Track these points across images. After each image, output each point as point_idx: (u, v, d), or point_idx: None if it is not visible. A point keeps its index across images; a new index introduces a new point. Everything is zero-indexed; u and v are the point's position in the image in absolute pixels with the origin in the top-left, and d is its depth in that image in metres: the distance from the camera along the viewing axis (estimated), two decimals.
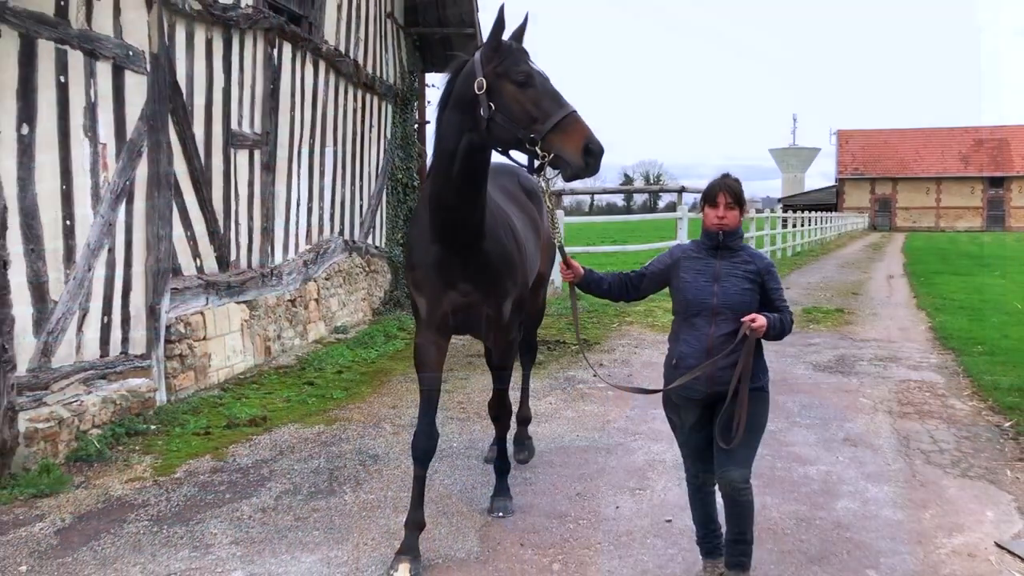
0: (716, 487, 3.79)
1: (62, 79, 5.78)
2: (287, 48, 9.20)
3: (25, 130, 5.44)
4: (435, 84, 14.55)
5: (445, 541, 4.51)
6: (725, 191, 3.70)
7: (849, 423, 6.88)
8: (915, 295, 16.74)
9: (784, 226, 29.41)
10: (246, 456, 5.92)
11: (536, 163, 3.77)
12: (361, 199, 11.75)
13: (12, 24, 5.28)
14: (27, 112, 5.46)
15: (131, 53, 6.48)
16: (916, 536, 4.62)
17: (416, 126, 13.59)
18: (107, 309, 6.29)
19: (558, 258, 4.14)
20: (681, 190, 16.75)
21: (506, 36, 3.96)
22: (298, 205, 9.70)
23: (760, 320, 3.59)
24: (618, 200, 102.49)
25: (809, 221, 35.63)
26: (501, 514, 4.80)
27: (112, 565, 4.23)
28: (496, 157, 4.14)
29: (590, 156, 3.65)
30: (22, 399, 5.36)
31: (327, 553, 4.36)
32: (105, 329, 6.28)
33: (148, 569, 4.18)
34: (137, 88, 6.59)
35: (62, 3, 5.75)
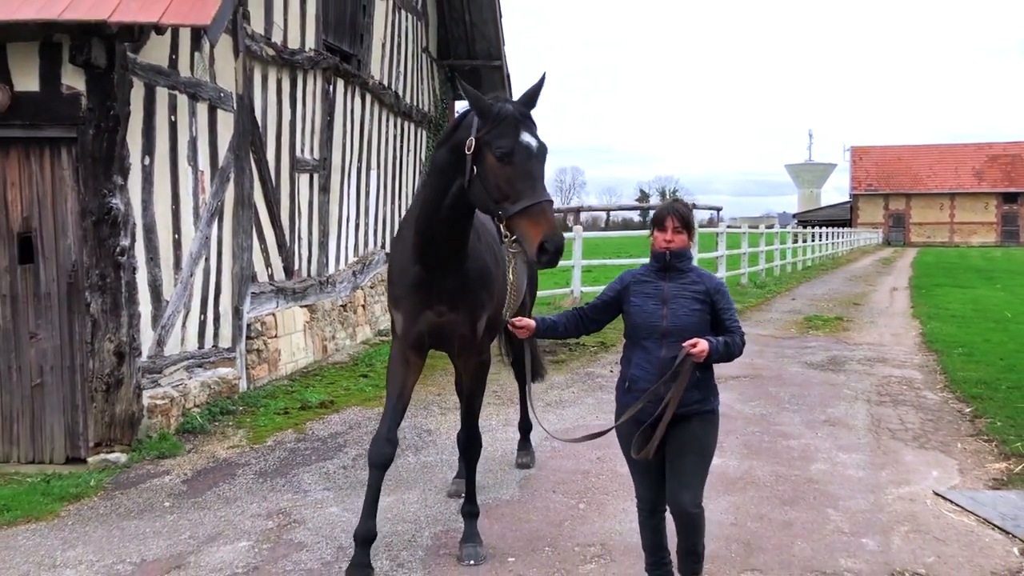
0: (667, 511, 3.78)
1: (172, 118, 7.02)
2: (340, 84, 10.46)
3: (147, 161, 6.69)
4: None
5: (493, 490, 5.67)
6: (673, 215, 3.71)
7: (831, 409, 7.99)
8: (913, 305, 17.76)
9: (795, 241, 30.42)
10: (322, 430, 7.12)
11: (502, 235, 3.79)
12: (399, 216, 12.99)
13: (139, 76, 6.53)
14: (148, 146, 6.70)
15: (222, 94, 7.73)
16: (871, 487, 5.75)
17: None
18: (203, 309, 7.52)
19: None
20: (692, 207, 17.89)
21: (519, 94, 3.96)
22: (348, 222, 10.95)
23: (702, 345, 3.54)
24: (635, 216, 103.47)
25: (820, 236, 36.63)
26: (472, 562, 4.43)
27: (235, 503, 5.42)
28: None
29: (543, 253, 3.57)
30: (144, 380, 6.58)
31: (401, 496, 5.54)
32: (201, 325, 7.50)
33: (263, 506, 5.38)
34: (226, 124, 7.85)
35: (174, 56, 7.01)
